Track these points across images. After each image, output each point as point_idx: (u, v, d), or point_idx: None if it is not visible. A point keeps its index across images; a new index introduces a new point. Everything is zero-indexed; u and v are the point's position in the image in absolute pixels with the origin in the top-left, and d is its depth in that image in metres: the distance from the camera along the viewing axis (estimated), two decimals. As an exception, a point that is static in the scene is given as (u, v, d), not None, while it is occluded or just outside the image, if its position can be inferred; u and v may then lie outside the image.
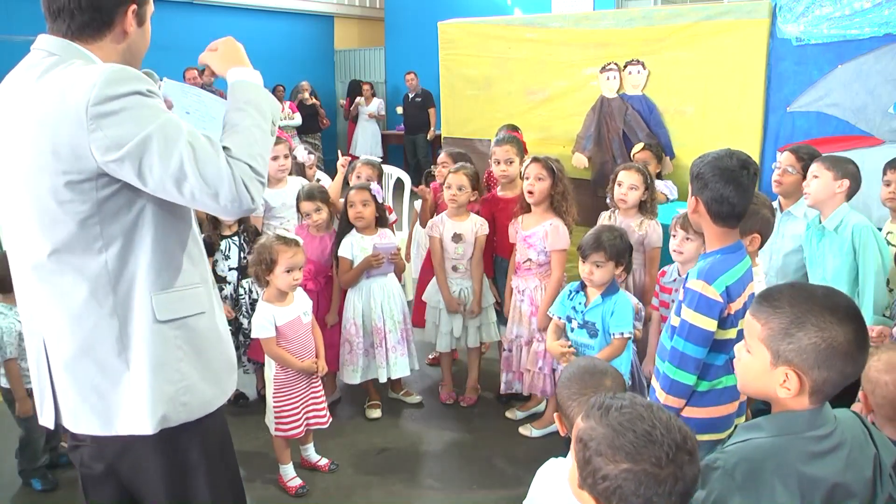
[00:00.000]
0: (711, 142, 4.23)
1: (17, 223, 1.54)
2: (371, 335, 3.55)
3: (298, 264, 2.91)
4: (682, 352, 2.00)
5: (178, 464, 1.66)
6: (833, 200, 2.86)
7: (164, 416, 1.57)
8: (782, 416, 1.33)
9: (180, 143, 1.43)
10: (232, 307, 3.60)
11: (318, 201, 3.55)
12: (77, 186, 1.43)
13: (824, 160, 2.91)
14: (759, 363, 1.34)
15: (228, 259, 3.59)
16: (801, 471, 1.27)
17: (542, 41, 4.98)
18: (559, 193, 3.35)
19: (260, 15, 11.12)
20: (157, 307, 1.55)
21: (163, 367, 1.56)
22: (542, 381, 3.35)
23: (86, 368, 1.55)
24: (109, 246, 1.50)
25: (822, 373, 1.26)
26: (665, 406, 2.01)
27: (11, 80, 1.54)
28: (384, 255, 3.47)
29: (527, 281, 3.42)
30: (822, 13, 3.88)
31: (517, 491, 2.98)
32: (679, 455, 1.13)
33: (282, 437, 2.99)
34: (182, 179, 1.42)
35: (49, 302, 1.54)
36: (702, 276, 1.97)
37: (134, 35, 1.59)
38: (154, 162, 1.41)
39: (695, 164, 2.01)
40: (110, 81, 1.40)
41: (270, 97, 1.67)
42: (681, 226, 2.87)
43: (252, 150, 1.53)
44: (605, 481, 1.14)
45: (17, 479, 3.07)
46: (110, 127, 1.39)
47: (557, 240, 3.32)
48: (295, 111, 9.41)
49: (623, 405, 1.20)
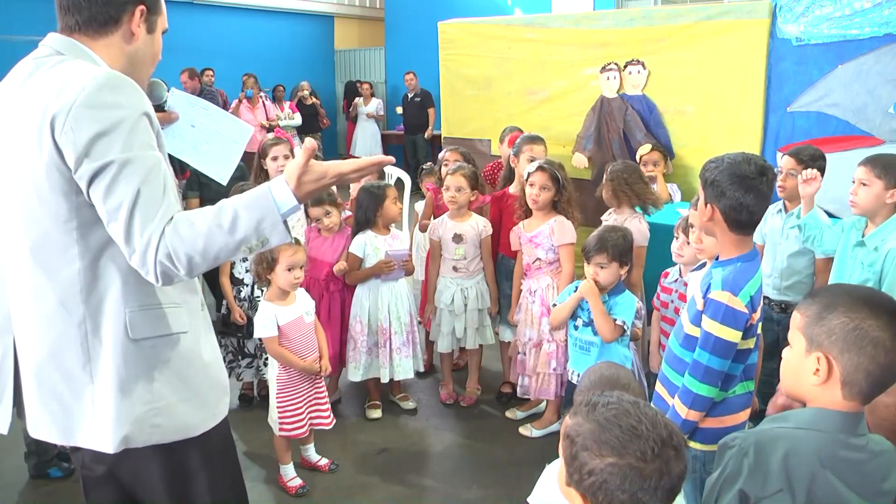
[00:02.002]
0: (712, 142, 4.24)
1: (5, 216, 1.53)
2: (376, 334, 3.55)
3: (299, 263, 2.91)
4: (707, 365, 1.94)
5: (179, 470, 1.63)
6: (885, 210, 2.64)
7: (126, 437, 1.50)
8: (813, 411, 1.33)
9: (134, 183, 1.35)
10: (248, 309, 3.58)
11: (326, 205, 3.55)
12: (58, 187, 1.41)
13: (874, 165, 2.64)
14: (797, 354, 1.34)
15: (245, 261, 3.59)
16: (818, 470, 1.26)
17: (542, 41, 4.98)
18: (565, 200, 3.36)
19: (260, 15, 11.13)
20: (130, 324, 1.48)
21: (131, 387, 1.49)
22: (550, 385, 3.34)
23: (50, 374, 1.51)
24: (84, 255, 1.45)
25: (852, 358, 1.25)
26: (686, 421, 1.99)
27: (16, 73, 1.54)
28: (395, 263, 3.47)
29: (538, 280, 3.41)
30: (822, 13, 3.88)
31: (517, 491, 2.98)
32: (665, 450, 1.14)
33: (285, 437, 2.99)
34: (113, 218, 1.37)
35: (24, 300, 1.52)
36: (727, 287, 1.90)
37: (141, 40, 1.58)
38: (101, 187, 1.36)
39: (708, 169, 1.92)
40: (101, 87, 1.38)
41: (274, 221, 1.42)
42: (683, 230, 2.88)
43: (202, 243, 1.37)
44: (591, 476, 1.15)
45: (22, 475, 3.07)
46: (82, 133, 1.35)
47: (564, 234, 3.33)
48: (295, 111, 9.42)
49: (610, 401, 1.21)
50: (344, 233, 3.63)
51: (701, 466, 2.07)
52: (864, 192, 2.65)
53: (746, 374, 2.04)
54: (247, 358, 3.66)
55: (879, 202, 2.63)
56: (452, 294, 3.65)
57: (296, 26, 11.79)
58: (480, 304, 3.70)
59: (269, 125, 8.36)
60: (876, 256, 2.64)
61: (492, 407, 3.78)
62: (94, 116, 1.36)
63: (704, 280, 2.01)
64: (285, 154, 3.85)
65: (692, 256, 2.82)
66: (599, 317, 2.87)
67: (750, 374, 2.06)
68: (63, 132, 1.36)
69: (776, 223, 3.28)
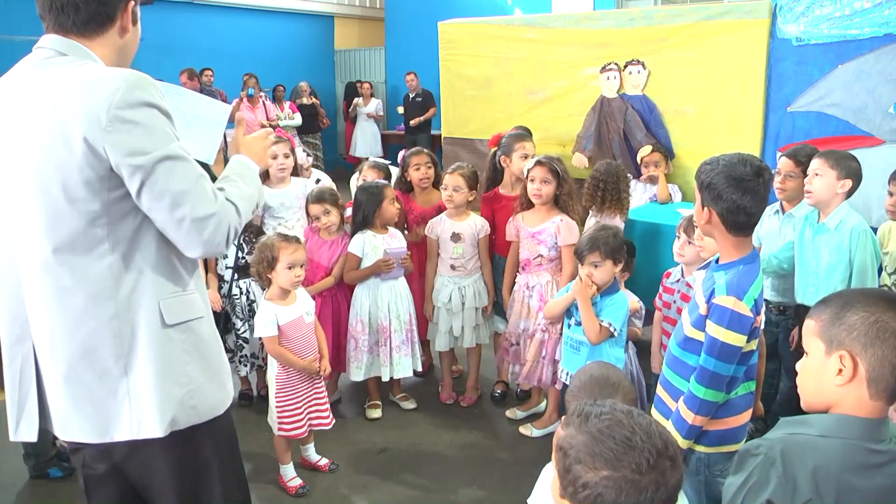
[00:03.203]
0: (712, 142, 4.24)
1: (17, 221, 1.52)
2: (376, 333, 3.56)
3: (299, 261, 2.91)
4: (714, 371, 1.93)
5: (191, 462, 1.66)
6: (835, 200, 2.83)
7: (173, 419, 1.57)
8: (836, 417, 1.28)
9: (189, 173, 1.50)
10: (225, 305, 3.58)
11: (326, 203, 3.53)
12: (89, 184, 1.44)
13: (827, 157, 2.86)
14: (815, 360, 1.31)
15: (226, 258, 3.60)
16: (845, 478, 1.23)
17: (542, 41, 4.98)
18: (566, 193, 3.36)
19: (260, 15, 11.12)
20: (164, 311, 1.55)
21: (170, 371, 1.57)
22: (540, 371, 3.35)
23: (81, 374, 1.53)
24: (115, 249, 1.50)
25: (876, 352, 1.23)
26: (692, 426, 1.99)
27: (16, 75, 1.53)
28: (395, 260, 3.47)
29: (538, 277, 3.42)
30: (822, 13, 3.88)
31: (517, 491, 2.98)
32: (660, 461, 1.11)
33: (284, 436, 2.99)
34: (178, 205, 1.48)
35: (47, 304, 1.52)
36: (732, 292, 1.88)
37: (131, 32, 1.61)
38: (159, 181, 1.45)
39: (704, 171, 1.90)
40: (133, 87, 1.44)
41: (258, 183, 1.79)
42: (684, 230, 2.88)
43: (242, 195, 1.65)
44: (585, 489, 1.13)
45: (22, 475, 3.07)
46: (128, 133, 1.42)
47: (569, 235, 3.33)
48: (295, 111, 9.43)
49: (603, 412, 1.18)
50: (343, 239, 3.60)
51: (705, 468, 2.07)
52: (819, 181, 2.85)
53: (748, 375, 2.04)
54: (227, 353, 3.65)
55: (832, 192, 2.83)
56: (450, 293, 3.66)
57: (296, 26, 11.78)
58: (478, 303, 3.70)
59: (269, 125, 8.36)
60: (840, 238, 2.82)
61: (492, 407, 3.78)
62: (135, 116, 1.43)
63: (706, 283, 2.00)
64: (285, 153, 3.84)
65: (694, 256, 2.82)
66: (586, 318, 2.87)
67: (751, 374, 2.06)
68: (105, 131, 1.41)
69: (773, 225, 3.28)
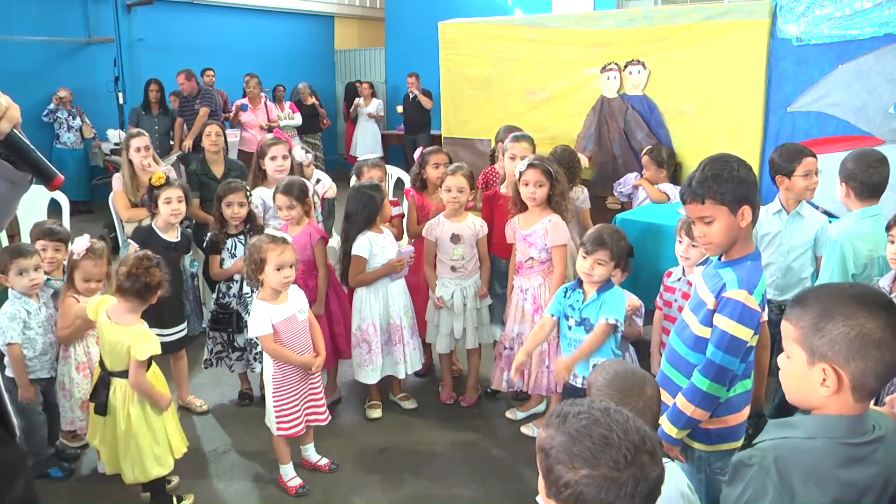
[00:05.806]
0: (712, 142, 4.24)
1: None
2: (388, 332, 3.56)
3: (288, 262, 2.90)
4: (721, 364, 1.93)
5: None
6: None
7: None
8: (820, 418, 1.31)
9: None
10: (237, 305, 3.62)
11: (292, 198, 3.49)
12: None
13: None
14: (798, 366, 1.32)
15: (234, 257, 3.59)
16: (837, 475, 1.25)
17: (542, 41, 4.99)
18: (558, 194, 3.36)
19: (260, 15, 11.11)
20: None
21: None
22: (545, 380, 3.35)
23: None
24: None
25: (858, 364, 1.24)
26: (691, 418, 1.99)
27: None
28: (406, 260, 3.51)
29: (530, 279, 3.42)
30: (822, 13, 3.88)
31: (518, 491, 2.98)
32: (639, 456, 1.12)
33: (283, 435, 2.98)
34: None
35: None
36: (743, 286, 1.91)
37: None
38: None
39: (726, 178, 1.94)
40: None
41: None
42: (686, 232, 2.88)
43: None
44: (567, 489, 1.14)
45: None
46: None
47: (557, 236, 3.32)
48: (295, 111, 9.42)
49: (580, 411, 1.19)
50: (308, 229, 3.55)
51: (707, 467, 2.08)
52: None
53: (745, 374, 2.05)
54: (237, 352, 3.70)
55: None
56: (451, 294, 3.65)
57: (296, 26, 11.77)
58: (479, 304, 3.71)
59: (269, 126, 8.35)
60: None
61: (492, 407, 3.78)
62: None
63: (713, 281, 2.00)
64: (284, 154, 3.85)
65: (699, 258, 2.83)
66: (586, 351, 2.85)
67: (748, 372, 2.07)
68: None
69: (773, 225, 3.27)
